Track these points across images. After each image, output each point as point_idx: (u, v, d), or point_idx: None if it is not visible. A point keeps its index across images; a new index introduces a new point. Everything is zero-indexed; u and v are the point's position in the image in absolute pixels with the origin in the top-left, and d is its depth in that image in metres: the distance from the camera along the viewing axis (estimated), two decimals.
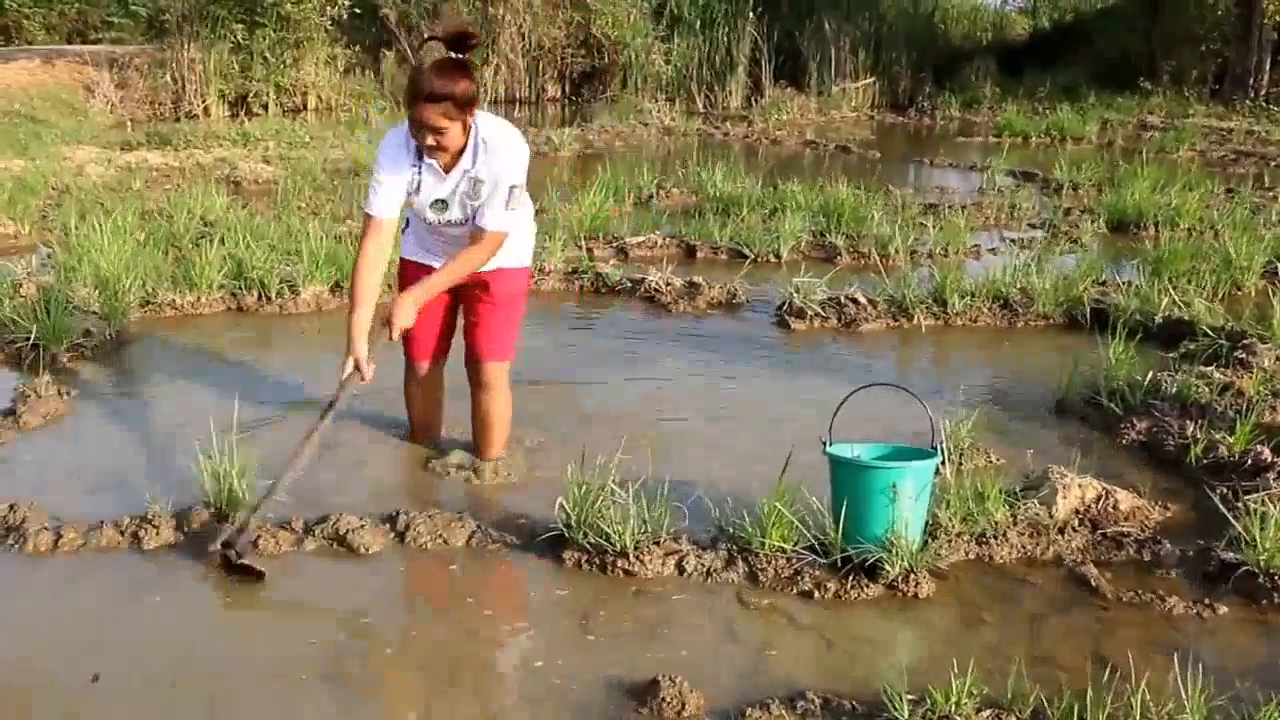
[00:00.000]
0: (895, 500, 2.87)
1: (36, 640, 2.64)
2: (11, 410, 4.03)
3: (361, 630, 2.73)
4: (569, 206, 7.32)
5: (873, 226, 6.99)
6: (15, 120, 11.89)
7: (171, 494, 3.28)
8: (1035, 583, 2.95)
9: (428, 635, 2.70)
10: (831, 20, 17.28)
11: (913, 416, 3.91)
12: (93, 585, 2.89)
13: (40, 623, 2.72)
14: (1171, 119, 14.90)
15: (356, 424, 3.93)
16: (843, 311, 5.29)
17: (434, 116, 3.10)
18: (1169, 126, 14.13)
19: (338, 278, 5.66)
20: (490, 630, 2.74)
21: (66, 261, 5.57)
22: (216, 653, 2.59)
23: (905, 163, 11.57)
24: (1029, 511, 3.18)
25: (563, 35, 17.66)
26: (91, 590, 2.86)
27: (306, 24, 15.28)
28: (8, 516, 3.18)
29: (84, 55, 15.27)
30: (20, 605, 2.81)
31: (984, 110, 16.31)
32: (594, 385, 4.46)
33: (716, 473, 3.56)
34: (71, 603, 2.81)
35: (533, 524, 3.18)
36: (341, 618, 2.77)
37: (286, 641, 2.66)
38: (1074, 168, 9.62)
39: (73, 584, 2.89)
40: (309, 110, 15.46)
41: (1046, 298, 5.39)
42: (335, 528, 3.12)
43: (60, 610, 2.77)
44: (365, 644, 2.68)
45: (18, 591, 2.87)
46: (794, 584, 2.89)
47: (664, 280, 5.71)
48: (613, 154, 11.76)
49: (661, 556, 2.98)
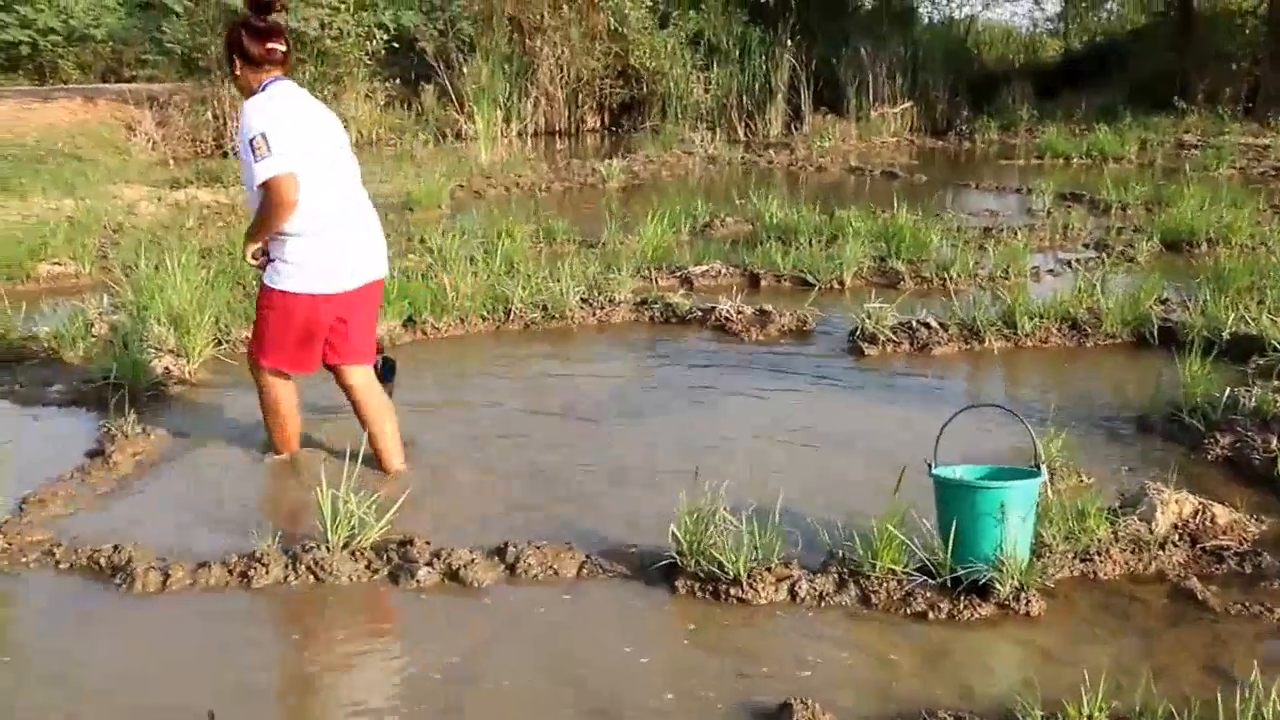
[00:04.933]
0: (1004, 520, 2.94)
1: (150, 680, 2.71)
2: (100, 450, 4.10)
3: (479, 665, 2.75)
4: (630, 238, 7.47)
5: (933, 251, 7.07)
6: (60, 159, 12.04)
7: (275, 530, 3.32)
8: (1142, 598, 3.01)
9: (550, 669, 2.74)
10: (867, 46, 17.40)
11: (998, 436, 4.04)
12: (203, 624, 2.95)
13: (152, 663, 2.79)
14: (1207, 137, 14.90)
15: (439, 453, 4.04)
16: (914, 336, 5.37)
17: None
18: (1206, 145, 14.12)
19: (410, 312, 5.81)
20: (614, 662, 2.77)
21: (138, 300, 5.67)
22: (330, 691, 2.66)
23: (951, 186, 11.63)
24: (1130, 528, 3.24)
25: (601, 66, 17.85)
26: (203, 629, 2.93)
27: (347, 59, 15.43)
28: (113, 556, 3.23)
29: (124, 93, 15.44)
30: (133, 645, 2.88)
31: (1021, 132, 16.36)
32: (679, 416, 4.56)
33: (815, 498, 3.64)
34: (183, 641, 2.88)
35: (641, 553, 3.26)
36: (458, 652, 2.81)
37: (403, 678, 2.70)
38: (1120, 188, 9.67)
39: (183, 623, 2.95)
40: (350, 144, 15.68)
41: (1114, 317, 5.46)
42: (448, 563, 3.17)
43: (172, 650, 2.84)
44: (484, 679, 2.69)
45: (130, 632, 2.94)
46: (907, 605, 2.97)
47: (734, 309, 5.82)
48: (659, 184, 11.91)
49: (774, 582, 3.05)
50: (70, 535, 3.42)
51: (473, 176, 11.85)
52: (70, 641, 2.90)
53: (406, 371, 4.57)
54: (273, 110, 3.58)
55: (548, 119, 17.76)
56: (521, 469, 4.01)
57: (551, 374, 5.16)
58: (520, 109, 16.82)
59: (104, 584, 3.16)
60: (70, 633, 2.95)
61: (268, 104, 3.60)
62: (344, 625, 3.00)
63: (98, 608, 3.05)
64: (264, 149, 3.50)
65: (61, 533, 3.44)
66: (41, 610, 3.08)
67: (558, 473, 3.96)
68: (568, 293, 6.00)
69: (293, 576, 3.16)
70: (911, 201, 8.36)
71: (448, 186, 10.70)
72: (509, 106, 16.33)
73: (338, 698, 2.65)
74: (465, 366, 5.30)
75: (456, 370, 5.24)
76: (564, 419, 4.55)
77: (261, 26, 3.68)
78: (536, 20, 17.08)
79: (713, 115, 17.56)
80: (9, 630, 3.05)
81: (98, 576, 3.20)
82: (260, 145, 3.50)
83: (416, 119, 16.47)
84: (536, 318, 5.91)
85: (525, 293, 5.99)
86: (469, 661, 2.77)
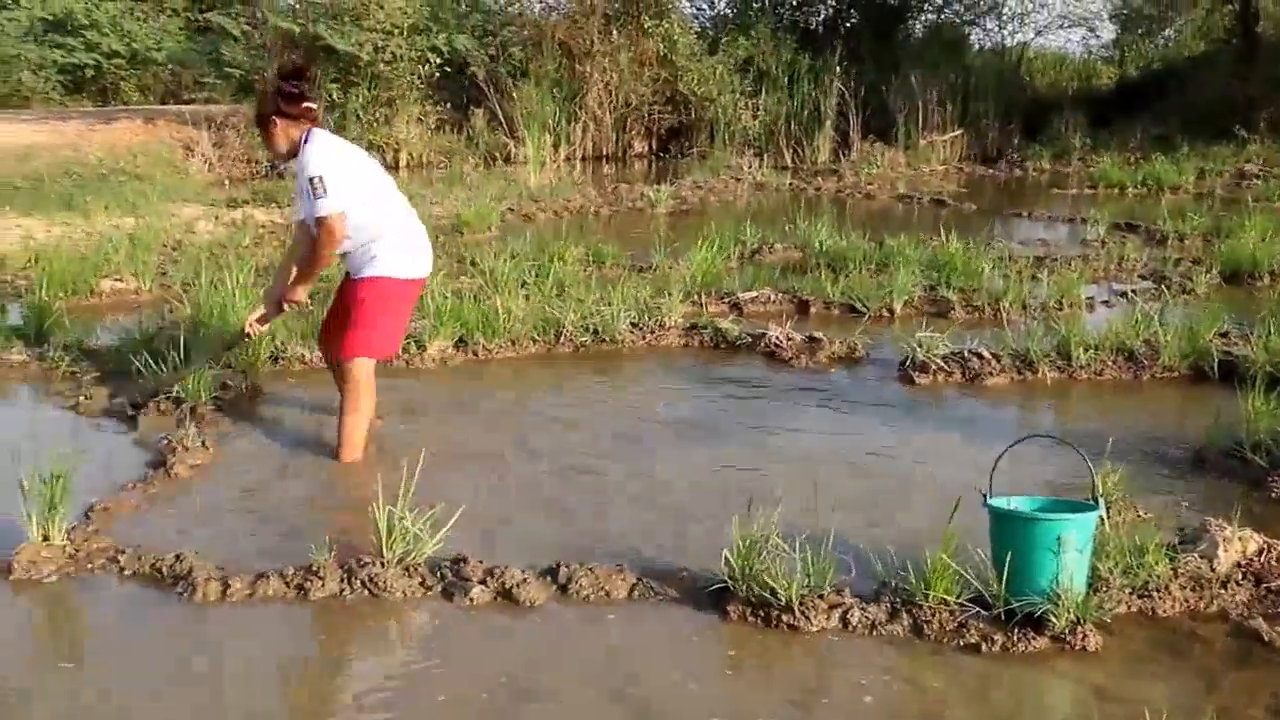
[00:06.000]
0: (1061, 553, 2.91)
1: (209, 689, 2.76)
2: (162, 462, 4.20)
3: (529, 685, 2.76)
4: (679, 263, 7.49)
5: (984, 280, 7.02)
6: (121, 178, 12.29)
7: (331, 543, 3.36)
8: (1204, 637, 2.95)
9: (600, 690, 2.73)
10: (917, 73, 17.35)
11: (1052, 469, 3.99)
12: (262, 635, 3.01)
13: (212, 671, 2.84)
14: (1270, 167, 14.64)
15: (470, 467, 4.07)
16: (966, 366, 5.33)
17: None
18: (1269, 175, 13.89)
19: (461, 333, 5.87)
20: (664, 686, 2.75)
21: (196, 316, 5.79)
22: (380, 706, 2.68)
23: (1002, 215, 11.56)
24: (1190, 564, 3.19)
25: (650, 92, 17.94)
26: (262, 640, 2.98)
27: (399, 82, 15.63)
28: (174, 566, 3.31)
29: (183, 115, 15.74)
30: (193, 653, 2.93)
31: (1074, 161, 16.20)
32: (730, 440, 4.56)
33: (868, 526, 3.62)
34: (243, 653, 2.92)
35: (693, 576, 3.25)
36: (508, 671, 2.82)
37: (451, 695, 2.71)
38: (1177, 218, 9.53)
39: (242, 635, 3.00)
40: (401, 167, 15.90)
41: (1171, 350, 5.37)
42: (501, 582, 3.20)
43: (233, 661, 2.89)
44: (533, 699, 2.69)
45: (195, 641, 2.99)
46: (960, 636, 2.93)
47: (784, 335, 5.81)
48: (707, 210, 11.94)
49: (826, 610, 3.03)
50: (133, 544, 3.49)
51: (522, 200, 11.93)
52: (133, 648, 2.97)
53: (460, 391, 4.62)
54: (326, 155, 4.16)
55: (596, 144, 17.86)
56: (573, 490, 4.04)
57: (603, 397, 5.19)
58: (569, 133, 16.96)
59: (165, 592, 3.22)
60: (133, 640, 3.02)
61: (319, 150, 4.17)
62: (396, 640, 3.04)
63: (159, 616, 3.11)
64: (321, 190, 4.07)
65: (125, 541, 3.52)
66: (105, 617, 3.16)
67: (609, 494, 3.98)
68: (618, 316, 6.02)
69: (348, 590, 3.20)
70: (961, 230, 8.32)
71: (497, 210, 10.80)
72: (558, 131, 16.48)
73: (387, 713, 2.67)
74: (517, 388, 5.33)
75: (508, 391, 5.28)
76: (615, 441, 4.56)
77: (295, 90, 4.22)
78: (586, 46, 17.22)
79: (761, 141, 17.56)
80: (76, 635, 3.16)
81: (159, 585, 3.26)
82: (318, 186, 4.07)
83: (467, 142, 16.65)
84: (586, 341, 5.93)
85: (576, 316, 6.02)
86: (518, 680, 2.78)
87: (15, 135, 13.91)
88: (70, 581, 3.30)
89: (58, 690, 2.77)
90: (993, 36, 21.34)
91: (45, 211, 9.91)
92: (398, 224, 4.34)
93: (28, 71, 20.22)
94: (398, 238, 4.32)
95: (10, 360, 5.65)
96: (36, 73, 20.37)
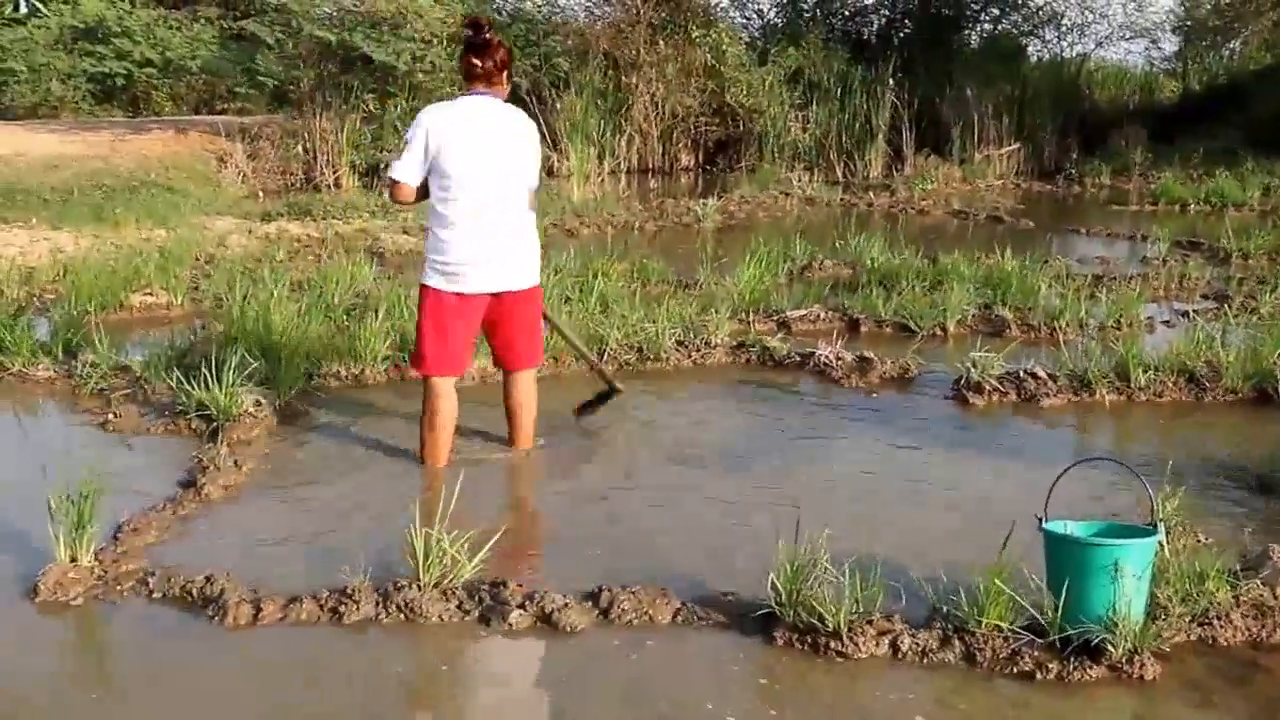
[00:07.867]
0: (1119, 579, 2.84)
1: (242, 714, 2.73)
2: (192, 481, 4.13)
3: (569, 711, 2.74)
4: (726, 279, 7.44)
5: (1040, 299, 6.91)
6: (152, 190, 12.14)
7: (365, 566, 3.31)
8: (1267, 667, 2.88)
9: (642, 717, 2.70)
10: (972, 85, 17.13)
11: (1110, 492, 3.91)
12: (295, 659, 2.97)
13: (246, 696, 2.81)
14: None
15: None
16: (1021, 386, 5.24)
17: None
18: None
19: None
20: (708, 713, 2.71)
21: (229, 332, 5.71)
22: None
23: (1059, 232, 11.37)
24: (1253, 592, 3.10)
25: (697, 104, 17.68)
26: (295, 665, 2.95)
27: (438, 93, 14.93)
28: (205, 588, 3.25)
29: (216, 125, 15.49)
30: (228, 682, 2.89)
31: (1135, 177, 15.89)
32: (778, 461, 4.52)
33: (918, 550, 3.56)
34: (274, 678, 2.90)
35: (739, 600, 3.22)
36: (548, 696, 2.80)
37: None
38: (1241, 236, 9.32)
39: (274, 659, 2.98)
40: None
41: (1234, 371, 5.24)
42: (540, 606, 3.15)
43: (264, 683, 2.88)
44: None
45: (226, 667, 2.95)
46: (1013, 664, 2.87)
47: (834, 354, 5.75)
48: (755, 225, 11.84)
49: (875, 636, 2.98)
50: (162, 565, 3.45)
51: (565, 214, 11.83)
52: (162, 674, 2.93)
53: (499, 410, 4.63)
54: (426, 122, 4.08)
55: (641, 157, 17.59)
56: (615, 510, 4.02)
57: (646, 416, 5.15)
58: (614, 146, 16.68)
59: (195, 615, 3.18)
60: (162, 666, 2.97)
61: (425, 115, 4.13)
62: (433, 665, 3.01)
63: (189, 640, 3.07)
64: (398, 153, 4.18)
65: (154, 562, 3.48)
66: (134, 642, 3.11)
67: (653, 515, 3.95)
68: (663, 334, 5.99)
69: (384, 614, 3.15)
70: (1017, 247, 8.19)
71: (541, 224, 10.75)
72: (603, 143, 16.18)
73: None
74: (559, 405, 5.31)
75: (551, 409, 5.26)
76: (659, 461, 4.55)
77: (475, 41, 4.16)
78: (632, 56, 16.98)
79: (811, 155, 17.33)
80: (104, 661, 3.13)
81: (189, 607, 3.22)
82: (404, 147, 4.13)
83: None
84: (631, 359, 5.88)
85: (620, 334, 5.98)
86: (558, 705, 2.77)
87: (44, 145, 13.83)
88: (98, 604, 3.25)
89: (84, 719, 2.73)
90: (1051, 48, 20.97)
91: (74, 223, 9.80)
92: (454, 228, 4.11)
93: (57, 81, 19.75)
94: (444, 243, 4.13)
95: (38, 376, 5.59)
96: (65, 81, 19.87)
